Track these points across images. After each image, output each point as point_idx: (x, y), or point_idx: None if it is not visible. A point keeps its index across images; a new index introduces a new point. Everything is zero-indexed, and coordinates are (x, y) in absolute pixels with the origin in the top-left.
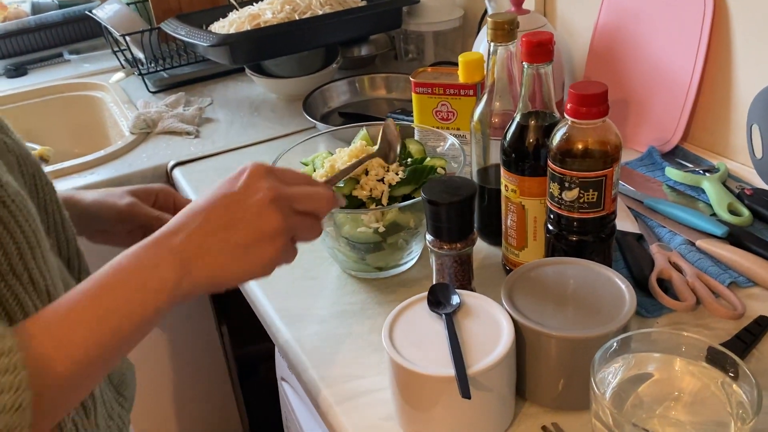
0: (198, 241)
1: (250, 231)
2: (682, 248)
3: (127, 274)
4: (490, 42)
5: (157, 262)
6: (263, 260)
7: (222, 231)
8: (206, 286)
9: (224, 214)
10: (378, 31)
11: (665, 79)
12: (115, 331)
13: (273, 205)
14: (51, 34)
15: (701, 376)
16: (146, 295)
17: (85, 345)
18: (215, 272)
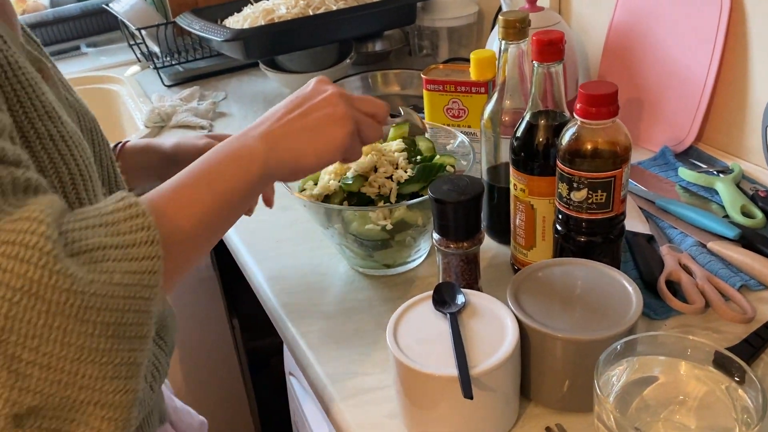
0: (278, 128)
1: (322, 115)
2: (693, 250)
3: (223, 154)
4: (501, 40)
5: (246, 143)
6: (335, 141)
7: (298, 118)
8: (288, 166)
9: (298, 106)
10: (392, 26)
11: (680, 79)
12: (221, 194)
13: (340, 98)
14: (69, 27)
15: (707, 380)
16: (242, 166)
17: (201, 205)
18: (294, 152)
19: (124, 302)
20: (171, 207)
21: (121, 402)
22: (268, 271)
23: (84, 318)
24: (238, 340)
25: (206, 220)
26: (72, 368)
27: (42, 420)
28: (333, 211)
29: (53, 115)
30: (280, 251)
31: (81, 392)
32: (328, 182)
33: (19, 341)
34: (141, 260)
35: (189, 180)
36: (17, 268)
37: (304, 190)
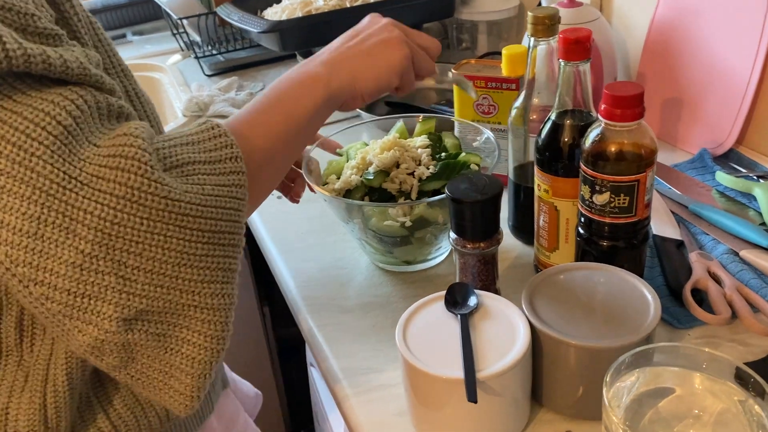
0: (338, 54)
1: (378, 41)
2: (724, 258)
3: (289, 80)
4: (530, 37)
5: (308, 69)
6: (392, 63)
7: (355, 46)
8: (348, 89)
9: (355, 36)
10: (430, 19)
11: (722, 79)
12: (291, 116)
13: (395, 26)
14: (116, 16)
15: (724, 395)
16: (307, 90)
17: (274, 126)
18: (354, 75)
19: (217, 211)
20: (247, 129)
21: (219, 305)
22: (291, 263)
23: (182, 224)
24: (268, 328)
25: (280, 141)
26: (173, 272)
27: (149, 324)
28: (353, 206)
29: (128, 74)
30: (305, 243)
31: (182, 295)
32: (349, 177)
33: (125, 247)
34: (228, 174)
35: (261, 106)
36: (119, 177)
37: (327, 184)
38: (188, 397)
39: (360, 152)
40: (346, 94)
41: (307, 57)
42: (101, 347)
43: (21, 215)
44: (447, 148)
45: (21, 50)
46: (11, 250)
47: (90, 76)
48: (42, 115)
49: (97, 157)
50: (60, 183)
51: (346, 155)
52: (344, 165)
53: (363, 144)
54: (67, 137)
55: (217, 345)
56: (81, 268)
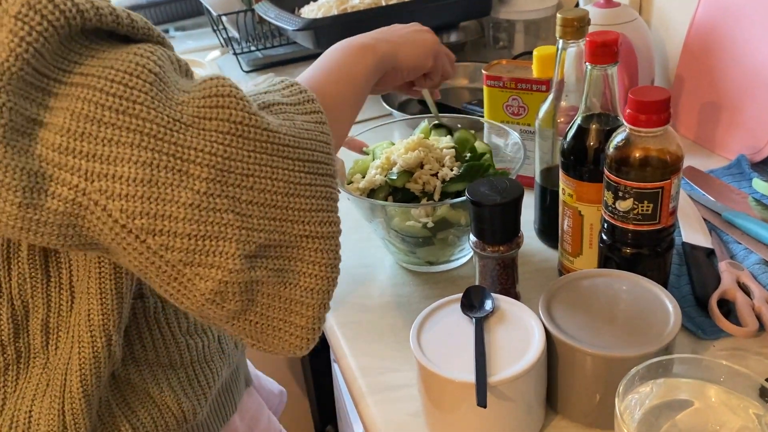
0: (382, 33)
1: (410, 30)
2: (755, 268)
3: (339, 50)
4: (558, 39)
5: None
6: (426, 43)
7: (394, 30)
8: (390, 60)
9: (393, 28)
10: (466, 18)
11: (763, 83)
12: (348, 76)
13: (425, 27)
14: (160, 11)
15: (743, 410)
16: (360, 56)
17: (335, 84)
18: (398, 48)
19: (311, 143)
20: (314, 82)
21: (329, 233)
22: None
23: (284, 155)
24: None
25: (343, 94)
26: (284, 203)
27: (268, 260)
28: (376, 205)
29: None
30: None
31: (294, 226)
32: (374, 176)
33: (237, 182)
34: (310, 113)
35: (321, 68)
36: (221, 114)
37: (352, 183)
38: (309, 330)
39: (385, 152)
40: (390, 62)
41: None
42: (224, 291)
43: (133, 164)
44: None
45: (89, 3)
46: (126, 204)
47: (153, 32)
48: (133, 66)
49: (194, 99)
50: (166, 126)
51: (372, 154)
52: (369, 164)
53: (389, 143)
54: (160, 84)
55: (332, 273)
56: (199, 208)
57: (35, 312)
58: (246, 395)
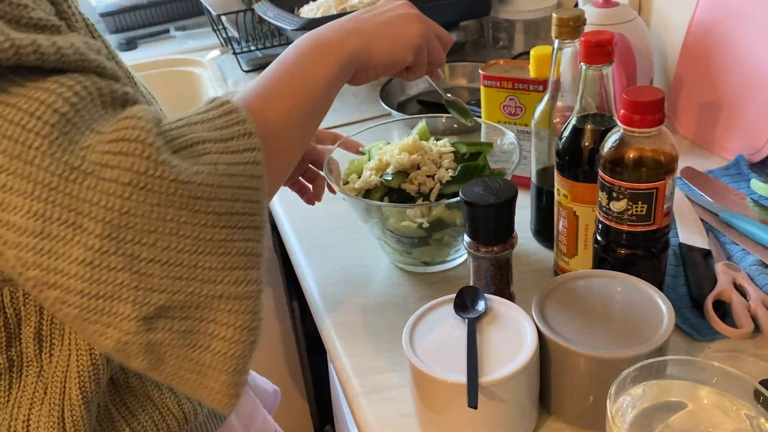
0: (352, 22)
1: (395, 15)
2: (752, 269)
3: (299, 49)
4: (554, 38)
5: (320, 35)
6: (409, 36)
7: (371, 16)
8: (362, 58)
9: (370, 10)
10: (466, 17)
11: (762, 83)
12: (305, 87)
13: (412, 6)
14: (160, 11)
15: (734, 412)
16: (320, 58)
17: (288, 99)
18: (368, 43)
19: (233, 192)
20: (258, 103)
21: (245, 293)
22: (313, 260)
23: (195, 208)
24: (297, 323)
25: (295, 113)
26: (191, 261)
27: (173, 321)
28: (372, 206)
29: (118, 59)
30: (327, 241)
31: (204, 286)
32: (369, 177)
33: (136, 239)
34: (242, 152)
35: (272, 77)
36: (123, 162)
37: (348, 183)
38: (226, 396)
39: (378, 153)
40: (359, 61)
41: None
42: (126, 350)
43: (25, 214)
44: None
45: (8, 42)
46: (20, 253)
47: (89, 62)
48: (37, 104)
49: (100, 143)
50: (62, 175)
51: (368, 154)
52: (364, 164)
53: (386, 143)
54: (65, 126)
55: (249, 336)
56: (92, 266)
57: (27, 320)
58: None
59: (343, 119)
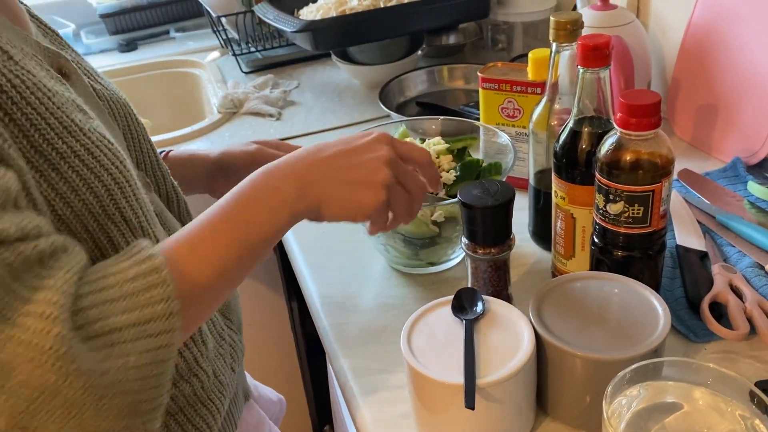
0: (318, 171)
1: (362, 175)
2: (748, 271)
3: (249, 197)
4: (552, 41)
5: (279, 185)
6: (364, 203)
7: (339, 170)
8: (313, 211)
9: (345, 157)
10: (464, 20)
11: (759, 86)
12: (244, 241)
13: (386, 165)
14: (160, 12)
15: (729, 413)
16: (269, 210)
17: (221, 256)
18: (325, 200)
19: (140, 383)
20: (190, 263)
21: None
22: (312, 261)
23: (99, 406)
24: (296, 323)
25: (227, 272)
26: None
27: None
28: None
29: (73, 129)
30: (325, 243)
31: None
32: None
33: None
34: (158, 335)
35: (210, 228)
36: (34, 371)
37: None
38: None
39: None
40: (309, 216)
41: (342, 56)
42: None
43: None
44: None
45: None
46: None
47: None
48: None
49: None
50: None
51: None
52: None
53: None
54: None
55: None
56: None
57: None
58: (246, 410)
59: (342, 120)
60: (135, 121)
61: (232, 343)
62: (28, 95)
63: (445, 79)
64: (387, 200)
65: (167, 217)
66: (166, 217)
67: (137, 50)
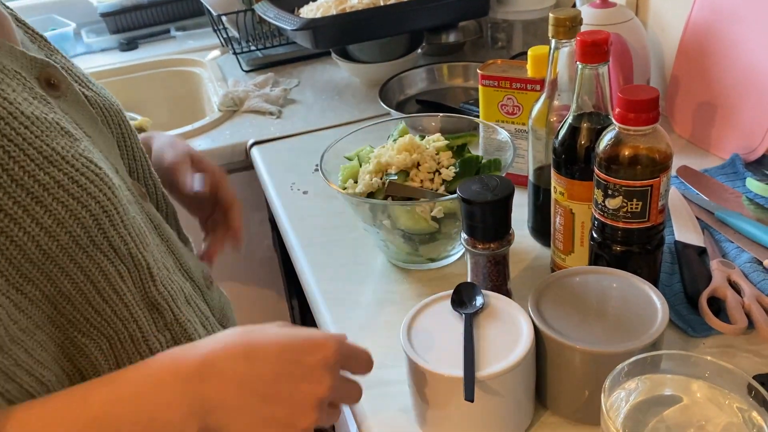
0: (229, 396)
1: (286, 415)
2: (747, 267)
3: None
4: (551, 38)
5: (173, 400)
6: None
7: (260, 399)
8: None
9: (272, 382)
10: (463, 18)
11: (757, 83)
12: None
13: (318, 407)
14: (160, 11)
15: (727, 406)
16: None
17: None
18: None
19: None
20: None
21: None
22: (312, 257)
23: None
24: (297, 321)
25: None
26: None
27: None
28: (378, 208)
29: (55, 159)
30: (326, 238)
31: None
32: (370, 180)
33: None
34: None
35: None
36: None
37: (346, 189)
38: None
39: (374, 156)
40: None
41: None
42: None
43: None
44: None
45: None
46: None
47: None
48: None
49: None
50: None
51: (357, 159)
52: (359, 169)
53: (371, 148)
54: None
55: None
56: None
57: None
58: None
59: (342, 119)
60: (128, 128)
61: None
62: (3, 126)
63: (444, 77)
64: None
65: (165, 230)
66: (164, 230)
67: (138, 49)
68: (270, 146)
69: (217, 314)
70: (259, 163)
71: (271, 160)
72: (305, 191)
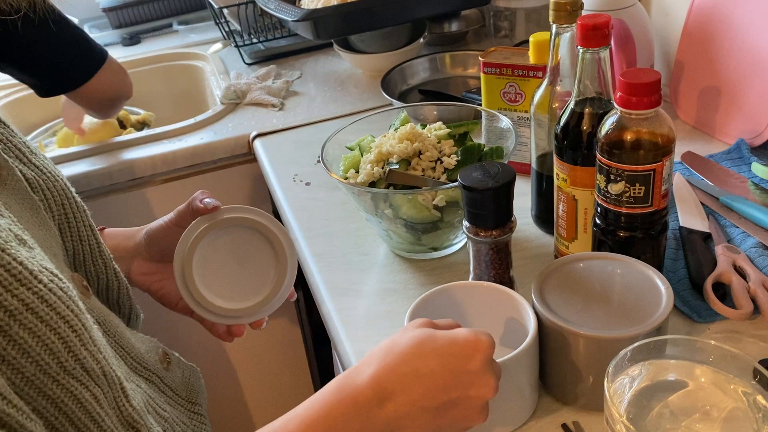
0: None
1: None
2: (752, 252)
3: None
4: (552, 23)
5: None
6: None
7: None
8: None
9: (442, 395)
10: (466, 7)
11: (762, 68)
12: None
13: (487, 404)
14: (163, 6)
15: (731, 390)
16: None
17: None
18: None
19: None
20: None
21: None
22: (315, 248)
23: None
24: (302, 314)
25: None
26: None
27: None
28: (380, 197)
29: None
30: (329, 229)
31: None
32: (372, 170)
33: None
34: None
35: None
36: None
37: (347, 179)
38: None
39: (375, 146)
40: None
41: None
42: None
43: None
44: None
45: None
46: None
47: None
48: None
49: None
50: None
51: (358, 149)
52: (360, 159)
53: (372, 138)
54: None
55: None
56: None
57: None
58: None
59: (345, 109)
60: (74, 206)
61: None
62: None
63: (447, 67)
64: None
65: (111, 323)
66: (110, 323)
67: (140, 44)
68: (272, 138)
69: (184, 392)
70: (262, 155)
71: (273, 152)
72: (308, 183)
